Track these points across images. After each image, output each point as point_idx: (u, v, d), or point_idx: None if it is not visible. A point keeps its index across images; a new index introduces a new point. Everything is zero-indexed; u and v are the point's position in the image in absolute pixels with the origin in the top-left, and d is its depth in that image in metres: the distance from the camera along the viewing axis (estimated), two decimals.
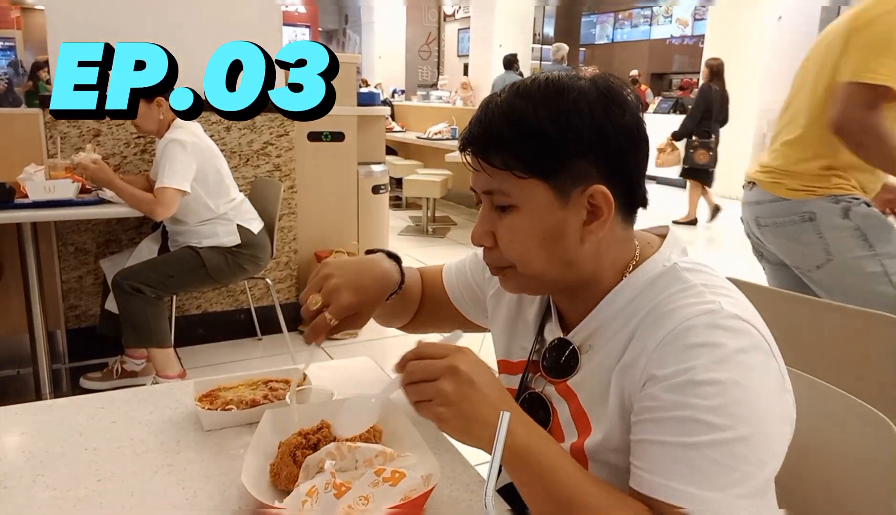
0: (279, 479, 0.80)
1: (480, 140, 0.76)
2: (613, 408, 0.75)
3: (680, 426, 0.66)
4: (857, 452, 0.87)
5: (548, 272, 0.78)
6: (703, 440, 0.65)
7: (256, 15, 3.20)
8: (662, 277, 0.77)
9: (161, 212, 2.45)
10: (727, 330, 0.69)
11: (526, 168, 0.74)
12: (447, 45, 13.79)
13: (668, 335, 0.70)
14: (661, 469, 0.66)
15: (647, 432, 0.69)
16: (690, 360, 0.68)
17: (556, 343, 0.86)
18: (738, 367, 0.67)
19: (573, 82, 0.75)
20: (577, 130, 0.73)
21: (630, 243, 0.81)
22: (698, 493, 0.64)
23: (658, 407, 0.68)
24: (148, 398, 1.06)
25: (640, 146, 0.77)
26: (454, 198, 7.57)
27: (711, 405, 0.65)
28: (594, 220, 0.76)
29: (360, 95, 3.71)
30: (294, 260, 3.50)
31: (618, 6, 13.93)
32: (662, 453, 0.67)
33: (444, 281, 1.07)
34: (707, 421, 0.65)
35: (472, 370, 0.69)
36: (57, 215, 2.52)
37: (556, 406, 0.84)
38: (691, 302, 0.72)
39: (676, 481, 0.65)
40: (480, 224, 0.80)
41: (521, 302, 0.95)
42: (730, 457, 0.64)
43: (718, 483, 0.64)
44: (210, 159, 2.63)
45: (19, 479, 0.83)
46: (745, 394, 0.66)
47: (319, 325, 0.87)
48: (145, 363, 2.77)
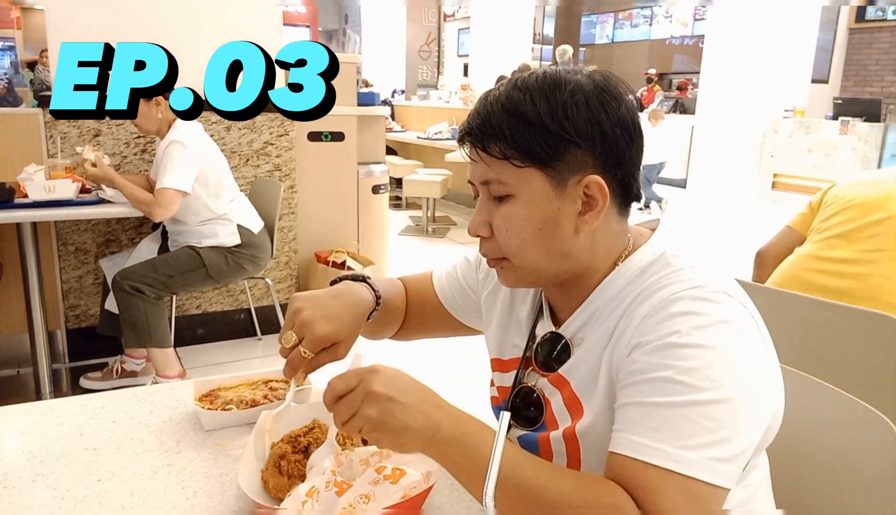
0: (268, 488, 0.80)
1: (479, 130, 0.78)
2: (602, 388, 0.76)
3: (657, 386, 0.67)
4: (857, 452, 0.87)
5: (543, 262, 0.79)
6: (678, 400, 0.65)
7: (256, 15, 3.20)
8: (652, 265, 0.79)
9: (160, 212, 2.45)
10: (712, 301, 0.70)
11: (523, 157, 0.75)
12: (447, 45, 13.79)
13: (652, 308, 0.72)
14: (635, 427, 0.67)
15: (627, 395, 0.70)
16: (673, 326, 0.69)
17: (549, 336, 0.87)
18: (719, 334, 0.68)
19: (570, 76, 0.77)
20: (573, 120, 0.74)
21: (623, 236, 0.83)
22: (671, 451, 0.64)
23: (638, 371, 0.69)
24: (148, 398, 1.06)
25: (635, 139, 0.79)
26: (454, 197, 7.57)
27: (690, 366, 0.66)
28: (589, 211, 0.77)
29: (360, 95, 3.71)
30: (294, 260, 3.50)
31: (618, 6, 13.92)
32: (637, 412, 0.67)
33: (436, 288, 1.07)
34: (684, 381, 0.66)
35: (387, 385, 0.68)
36: (57, 215, 2.52)
37: (549, 396, 0.85)
38: (679, 280, 0.74)
39: (648, 438, 0.65)
40: (478, 214, 0.81)
41: (513, 300, 0.96)
42: (705, 418, 0.65)
43: (692, 443, 0.64)
44: (211, 160, 2.63)
45: (19, 479, 0.83)
46: (724, 360, 0.67)
47: (295, 360, 0.85)
48: (145, 363, 2.77)
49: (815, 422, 0.93)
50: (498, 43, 10.33)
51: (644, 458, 0.64)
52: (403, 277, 1.12)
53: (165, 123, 2.55)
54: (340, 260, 3.42)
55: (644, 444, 0.65)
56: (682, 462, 0.63)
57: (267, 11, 3.23)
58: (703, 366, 0.66)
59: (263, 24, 3.22)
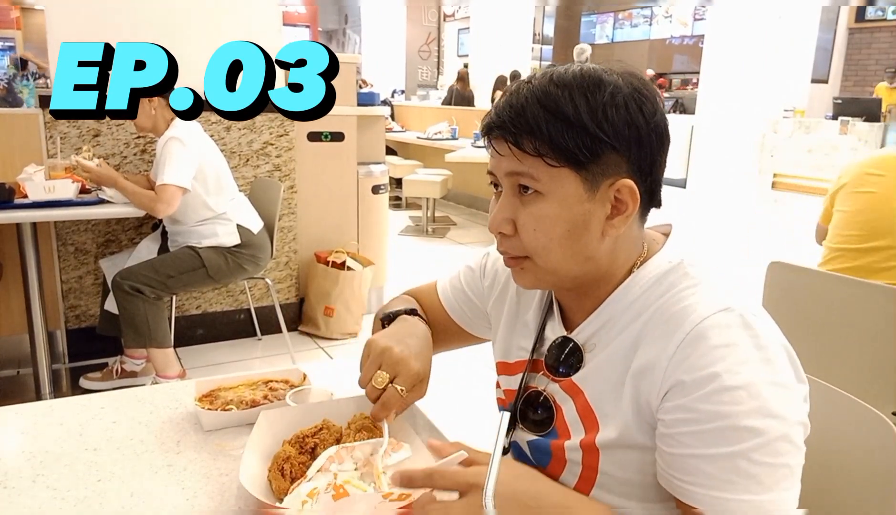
0: (272, 491, 0.80)
1: (511, 124, 0.74)
2: (628, 409, 0.75)
3: (722, 436, 0.66)
4: (857, 452, 0.87)
5: (566, 264, 0.77)
6: (747, 446, 0.65)
7: (256, 15, 3.20)
8: (669, 274, 0.78)
9: (162, 209, 2.45)
10: (744, 327, 0.70)
11: (559, 156, 0.73)
12: (447, 45, 13.79)
13: (686, 338, 0.70)
14: (712, 482, 0.67)
15: (689, 445, 0.68)
16: (714, 364, 0.68)
17: (560, 341, 0.85)
18: (762, 365, 0.68)
19: (608, 75, 0.75)
20: (612, 122, 0.72)
21: (640, 242, 0.82)
22: (753, 499, 0.65)
23: (694, 419, 0.68)
24: (148, 398, 1.06)
25: (666, 145, 0.78)
26: (454, 198, 7.57)
27: (747, 409, 0.66)
28: (617, 215, 0.76)
29: (360, 95, 3.70)
30: (294, 260, 3.50)
31: (618, 6, 13.91)
32: (711, 466, 0.67)
33: (442, 300, 1.06)
34: (747, 426, 0.65)
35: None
36: (57, 215, 2.51)
37: (561, 403, 0.83)
38: (702, 300, 0.72)
39: (730, 492, 0.66)
40: (501, 210, 0.78)
41: (519, 303, 0.95)
42: (775, 456, 0.66)
43: (768, 484, 0.65)
44: (209, 158, 2.63)
45: (19, 479, 0.83)
46: (774, 391, 0.67)
47: (392, 399, 0.83)
48: (145, 363, 2.77)
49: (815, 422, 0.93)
50: (498, 43, 10.33)
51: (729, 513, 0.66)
52: (413, 293, 1.11)
53: (163, 121, 2.55)
54: (340, 260, 3.42)
55: (728, 499, 0.66)
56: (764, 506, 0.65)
57: (267, 11, 3.23)
58: (759, 406, 0.66)
59: (263, 24, 3.22)
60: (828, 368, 1.69)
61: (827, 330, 1.72)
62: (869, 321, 1.62)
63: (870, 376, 1.65)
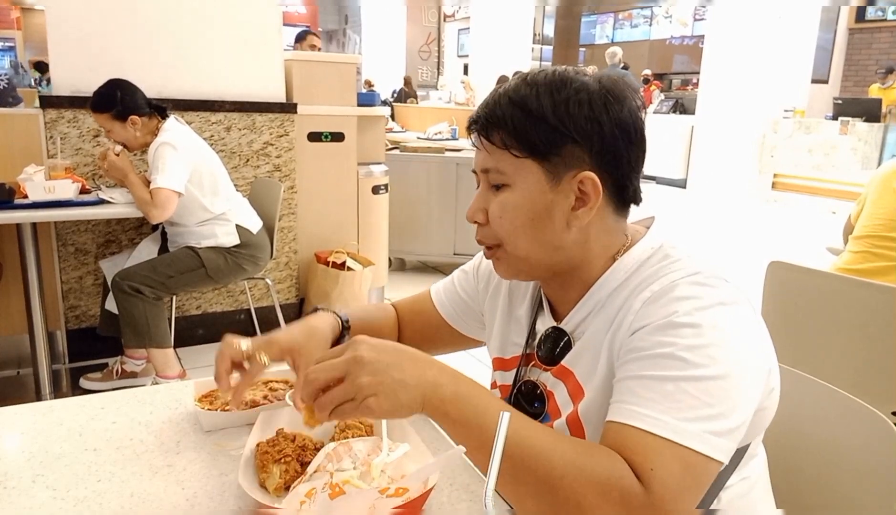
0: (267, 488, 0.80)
1: (484, 119, 0.81)
2: (602, 368, 0.78)
3: (657, 361, 0.69)
4: (857, 452, 0.87)
5: (535, 252, 0.81)
6: (678, 374, 0.67)
7: (256, 15, 3.20)
8: (651, 257, 0.81)
9: (156, 214, 2.44)
10: (710, 286, 0.73)
11: (522, 147, 0.78)
12: (447, 45, 13.80)
13: (654, 294, 0.74)
14: (634, 398, 0.68)
15: (627, 371, 0.72)
16: (673, 308, 0.71)
17: (550, 332, 0.88)
18: (718, 315, 0.71)
19: (578, 76, 0.80)
20: (573, 117, 0.77)
21: (621, 233, 0.85)
22: (670, 421, 0.65)
23: (640, 348, 0.71)
24: (148, 398, 1.06)
25: (635, 141, 0.80)
26: None
27: (690, 344, 0.68)
28: (582, 206, 0.79)
29: (360, 96, 3.70)
30: (294, 261, 3.50)
31: (618, 6, 13.92)
32: (637, 384, 0.69)
33: (436, 304, 1.09)
34: (684, 357, 0.68)
35: (374, 351, 0.69)
36: (57, 215, 2.51)
37: (552, 389, 0.86)
38: (678, 269, 0.76)
39: (648, 408, 0.67)
40: (476, 201, 0.84)
41: (512, 300, 0.97)
42: (703, 393, 0.67)
43: (690, 416, 0.66)
44: (203, 159, 2.62)
45: (19, 479, 0.83)
46: (723, 339, 0.69)
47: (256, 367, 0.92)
48: (145, 363, 2.77)
49: (815, 422, 0.93)
50: (498, 43, 10.35)
51: (643, 426, 0.66)
52: (396, 302, 1.14)
53: (150, 134, 2.56)
54: (340, 260, 3.42)
55: (643, 414, 0.66)
56: (680, 432, 0.65)
57: (267, 11, 3.23)
58: (702, 344, 0.68)
59: (263, 24, 3.22)
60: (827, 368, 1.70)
61: (826, 329, 1.72)
62: (869, 321, 1.62)
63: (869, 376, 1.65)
